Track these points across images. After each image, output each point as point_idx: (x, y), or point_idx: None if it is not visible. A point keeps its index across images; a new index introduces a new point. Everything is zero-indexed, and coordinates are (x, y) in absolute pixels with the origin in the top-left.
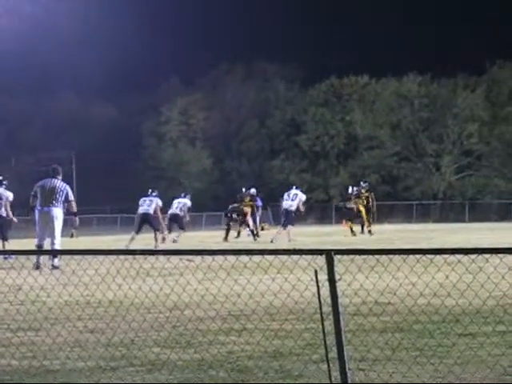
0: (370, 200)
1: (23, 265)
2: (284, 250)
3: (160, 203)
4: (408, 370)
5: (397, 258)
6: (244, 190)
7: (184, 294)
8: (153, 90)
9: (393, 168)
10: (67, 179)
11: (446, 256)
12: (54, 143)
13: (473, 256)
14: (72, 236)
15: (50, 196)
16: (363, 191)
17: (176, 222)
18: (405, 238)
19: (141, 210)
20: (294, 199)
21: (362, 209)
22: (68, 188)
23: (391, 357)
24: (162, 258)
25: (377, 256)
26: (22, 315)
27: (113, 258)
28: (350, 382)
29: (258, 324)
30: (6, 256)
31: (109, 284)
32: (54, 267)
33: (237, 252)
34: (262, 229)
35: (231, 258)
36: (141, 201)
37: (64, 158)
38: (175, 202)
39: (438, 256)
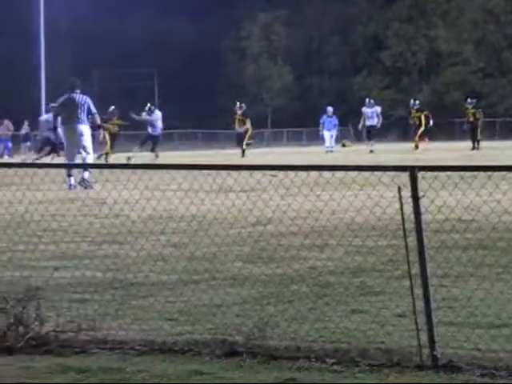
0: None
1: (107, 179)
2: (367, 167)
3: None
4: (491, 287)
5: (482, 174)
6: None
7: (266, 210)
8: (234, 7)
9: (476, 85)
10: (150, 96)
11: None
12: (136, 60)
13: None
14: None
15: (72, 112)
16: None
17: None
18: (488, 156)
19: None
20: None
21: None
22: (89, 100)
23: (474, 273)
24: (244, 173)
25: (461, 173)
26: (107, 229)
27: (196, 172)
28: (432, 298)
29: (340, 240)
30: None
31: (192, 199)
32: (84, 181)
33: (320, 168)
34: (344, 145)
35: (314, 174)
36: None
37: (146, 75)
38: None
39: None
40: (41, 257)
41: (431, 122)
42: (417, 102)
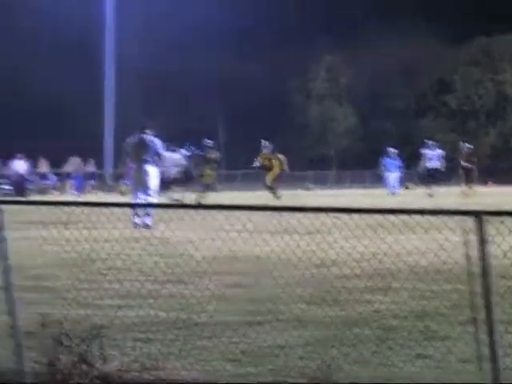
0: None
1: (171, 218)
2: (432, 211)
3: None
4: None
5: None
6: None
7: (331, 252)
8: (299, 47)
9: None
10: (214, 136)
11: None
12: (201, 100)
13: None
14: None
15: (140, 152)
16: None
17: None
18: None
19: None
20: None
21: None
22: (158, 142)
23: None
24: (309, 214)
25: None
26: (171, 268)
27: (260, 213)
28: (497, 344)
29: (404, 283)
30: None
31: (256, 239)
32: (145, 225)
33: (384, 211)
34: (407, 188)
35: (378, 217)
36: None
37: (211, 115)
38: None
39: None
40: (105, 295)
41: None
42: (467, 145)
